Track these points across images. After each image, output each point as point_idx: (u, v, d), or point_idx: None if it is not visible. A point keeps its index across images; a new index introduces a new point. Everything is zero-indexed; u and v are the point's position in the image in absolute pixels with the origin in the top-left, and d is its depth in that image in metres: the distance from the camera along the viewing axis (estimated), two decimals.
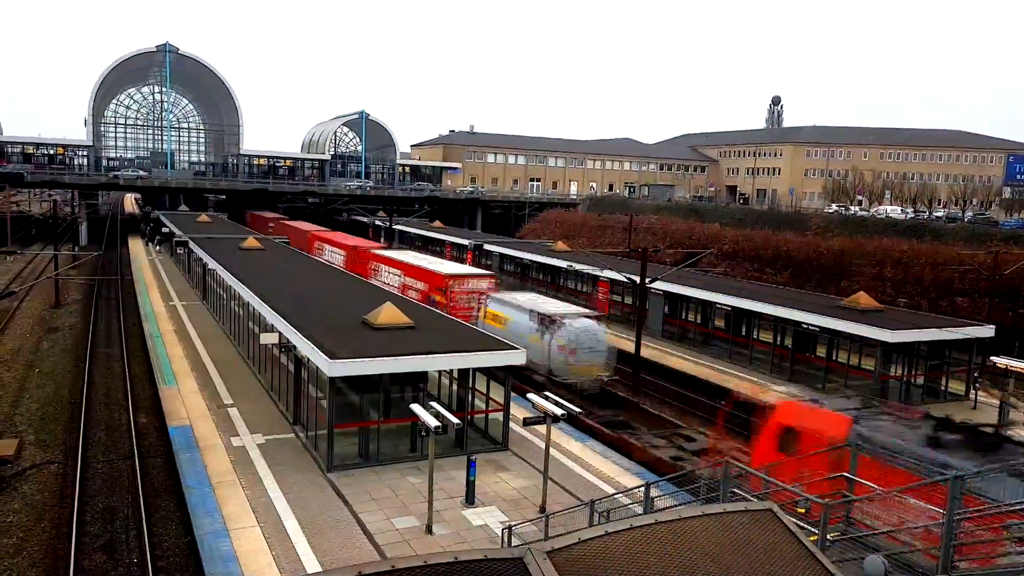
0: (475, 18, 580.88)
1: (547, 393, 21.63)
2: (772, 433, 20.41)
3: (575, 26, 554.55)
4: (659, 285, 43.14)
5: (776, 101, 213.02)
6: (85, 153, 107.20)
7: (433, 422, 18.11)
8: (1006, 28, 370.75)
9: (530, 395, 21.72)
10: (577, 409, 20.53)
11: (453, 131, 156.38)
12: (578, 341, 35.17)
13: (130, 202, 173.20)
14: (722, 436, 29.23)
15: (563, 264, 56.73)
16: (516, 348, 24.97)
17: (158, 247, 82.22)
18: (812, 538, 11.54)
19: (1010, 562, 10.83)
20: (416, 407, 19.40)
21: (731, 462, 14.86)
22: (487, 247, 71.24)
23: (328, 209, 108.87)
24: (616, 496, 20.45)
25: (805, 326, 36.28)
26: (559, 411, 19.87)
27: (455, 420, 19.06)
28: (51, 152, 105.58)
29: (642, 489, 18.79)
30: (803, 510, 13.13)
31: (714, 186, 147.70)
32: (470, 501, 20.79)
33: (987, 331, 34.09)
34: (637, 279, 39.27)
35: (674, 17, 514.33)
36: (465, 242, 75.58)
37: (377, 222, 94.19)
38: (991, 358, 33.36)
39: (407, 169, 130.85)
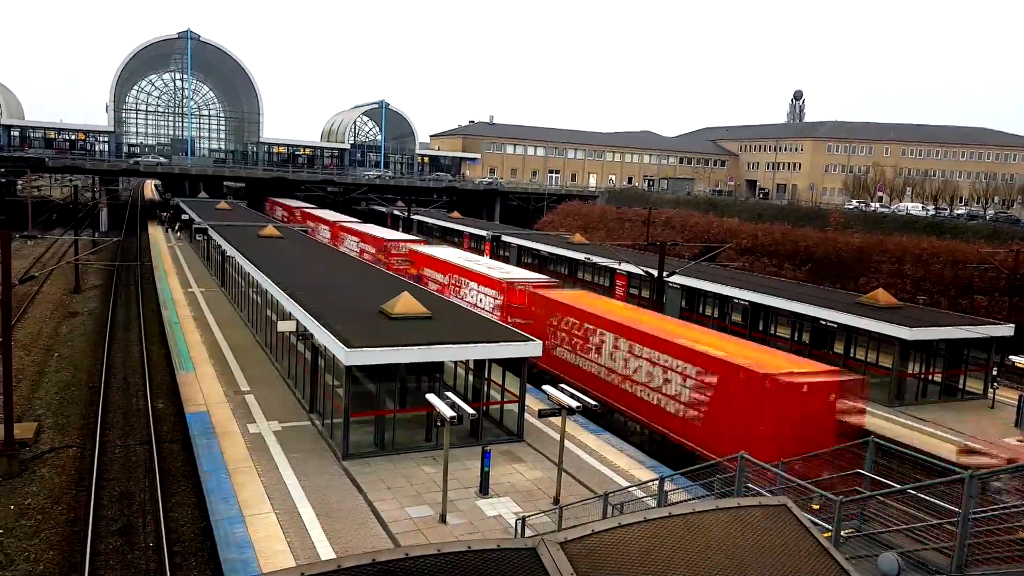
0: (496, 8, 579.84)
1: (563, 385, 21.61)
2: None
3: (597, 17, 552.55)
4: (677, 279, 42.99)
5: (798, 95, 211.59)
6: (106, 139, 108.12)
7: (449, 412, 18.15)
8: None
9: (546, 387, 21.71)
10: (592, 402, 20.50)
11: (473, 122, 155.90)
12: None
13: (150, 188, 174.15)
14: None
15: (581, 257, 56.67)
16: (532, 340, 24.97)
17: (177, 234, 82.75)
18: (826, 534, 11.51)
19: None
20: (432, 397, 19.45)
21: (747, 457, 14.80)
22: (505, 238, 71.20)
23: (347, 198, 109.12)
24: (630, 489, 20.49)
25: (823, 322, 36.11)
26: (574, 403, 19.86)
27: (470, 411, 19.11)
28: (72, 138, 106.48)
29: (656, 482, 18.81)
30: (817, 506, 13.09)
31: (733, 180, 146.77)
32: (484, 492, 20.83)
33: (1006, 330, 33.74)
34: (655, 272, 39.17)
35: (697, 9, 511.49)
36: (483, 233, 75.55)
37: (395, 212, 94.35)
38: (1010, 357, 33.08)
39: (426, 159, 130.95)
